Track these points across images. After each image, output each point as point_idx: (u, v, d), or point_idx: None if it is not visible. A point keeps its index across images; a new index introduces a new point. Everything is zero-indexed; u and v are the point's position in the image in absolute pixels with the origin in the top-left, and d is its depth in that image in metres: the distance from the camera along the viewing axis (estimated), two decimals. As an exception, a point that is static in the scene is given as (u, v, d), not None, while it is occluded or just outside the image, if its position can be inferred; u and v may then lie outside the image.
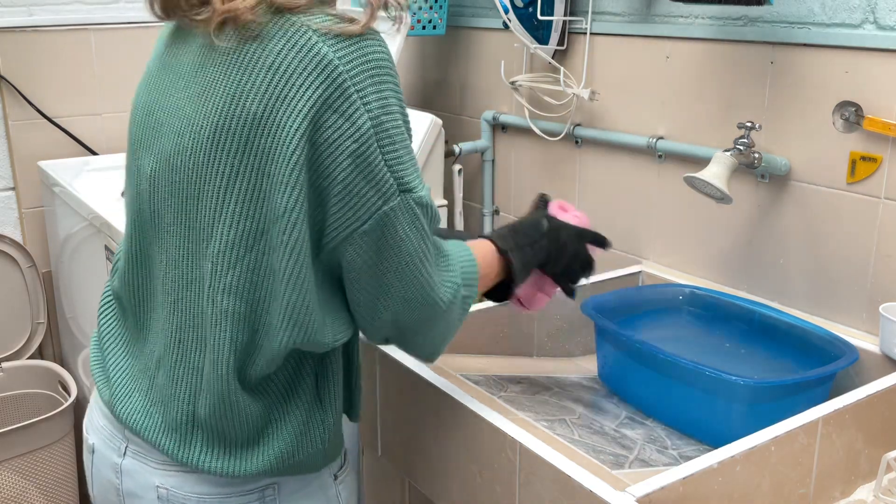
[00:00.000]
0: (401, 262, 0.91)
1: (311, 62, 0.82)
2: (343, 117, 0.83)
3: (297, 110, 0.82)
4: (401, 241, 0.90)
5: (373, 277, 0.91)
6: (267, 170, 0.84)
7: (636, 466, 1.22)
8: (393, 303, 0.94)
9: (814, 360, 1.37)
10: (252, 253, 0.87)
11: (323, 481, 1.05)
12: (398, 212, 0.88)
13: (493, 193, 2.12)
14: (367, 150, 0.85)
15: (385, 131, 0.86)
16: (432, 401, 1.27)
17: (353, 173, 0.85)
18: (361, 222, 0.87)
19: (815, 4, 1.38)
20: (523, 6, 1.76)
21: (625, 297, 1.61)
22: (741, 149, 1.42)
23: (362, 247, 0.89)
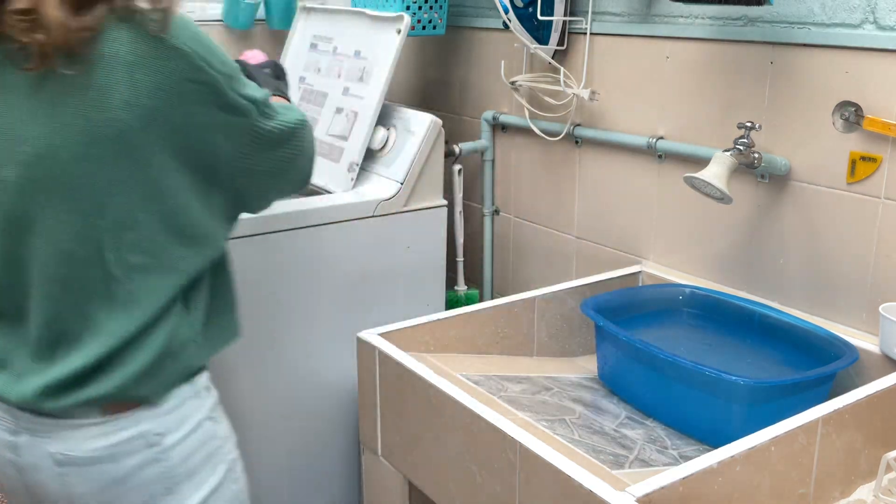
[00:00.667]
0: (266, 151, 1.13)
1: (157, 47, 0.98)
2: (198, 83, 1.01)
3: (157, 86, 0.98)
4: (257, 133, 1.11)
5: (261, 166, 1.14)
6: (142, 142, 0.99)
7: (636, 466, 1.22)
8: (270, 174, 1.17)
9: (814, 360, 1.37)
10: (146, 213, 1.02)
11: (204, 426, 1.14)
12: (258, 119, 1.10)
13: (493, 193, 2.12)
14: (226, 95, 1.04)
15: (228, 76, 1.04)
16: (432, 401, 1.27)
17: (221, 116, 1.04)
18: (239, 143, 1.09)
19: (815, 4, 1.38)
20: (523, 6, 1.76)
21: (625, 297, 1.61)
22: (741, 149, 1.42)
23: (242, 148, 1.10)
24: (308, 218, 1.67)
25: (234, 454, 1.20)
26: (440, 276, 1.89)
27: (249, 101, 1.08)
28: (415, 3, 1.96)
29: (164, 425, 1.09)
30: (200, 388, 1.15)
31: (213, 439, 1.15)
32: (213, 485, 1.15)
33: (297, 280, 1.68)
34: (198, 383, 1.15)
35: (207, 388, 1.17)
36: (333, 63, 1.95)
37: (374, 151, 1.82)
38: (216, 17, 2.24)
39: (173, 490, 1.11)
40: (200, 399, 1.14)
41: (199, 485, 1.13)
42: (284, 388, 1.72)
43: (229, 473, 1.18)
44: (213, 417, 1.16)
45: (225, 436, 1.19)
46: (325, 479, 1.84)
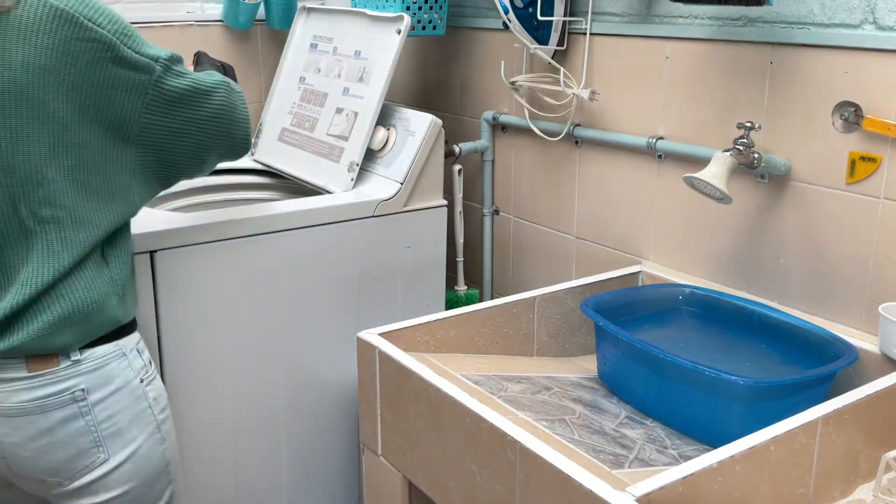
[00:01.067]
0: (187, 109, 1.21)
1: (47, 10, 1.08)
2: (88, 41, 1.09)
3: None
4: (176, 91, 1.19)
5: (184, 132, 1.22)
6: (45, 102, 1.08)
7: (636, 466, 1.23)
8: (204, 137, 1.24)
9: (814, 360, 1.37)
10: (55, 169, 1.10)
11: (131, 387, 1.22)
12: (162, 75, 1.17)
13: (492, 193, 2.12)
14: (120, 51, 1.11)
15: (121, 34, 1.12)
16: (432, 401, 1.28)
17: (118, 72, 1.12)
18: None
19: (815, 5, 1.38)
20: (523, 6, 1.76)
21: (625, 297, 1.61)
22: (741, 149, 1.42)
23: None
24: (308, 218, 1.67)
25: (163, 415, 1.28)
26: (440, 276, 1.89)
27: (150, 58, 1.15)
28: (415, 4, 1.96)
29: (89, 382, 1.17)
30: (128, 349, 1.23)
31: (140, 400, 1.24)
32: (140, 442, 1.23)
33: (297, 280, 1.68)
34: (125, 345, 1.22)
35: (137, 351, 1.25)
36: (333, 63, 1.95)
37: (374, 151, 1.82)
38: (216, 18, 2.24)
39: (101, 444, 1.19)
40: (127, 360, 1.22)
41: (128, 442, 1.22)
42: (284, 388, 1.72)
43: (156, 434, 1.26)
44: (142, 379, 1.24)
45: (154, 397, 1.26)
46: (325, 479, 1.84)
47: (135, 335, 1.26)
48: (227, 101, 1.27)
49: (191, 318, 1.57)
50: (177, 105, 1.20)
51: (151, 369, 1.28)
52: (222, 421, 1.66)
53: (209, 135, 1.26)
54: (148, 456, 1.25)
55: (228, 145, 1.32)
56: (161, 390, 1.29)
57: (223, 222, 1.58)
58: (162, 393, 1.29)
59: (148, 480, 1.25)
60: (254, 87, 2.34)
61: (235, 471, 1.71)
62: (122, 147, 1.17)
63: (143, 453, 1.24)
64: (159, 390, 1.28)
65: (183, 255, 1.54)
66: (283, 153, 2.00)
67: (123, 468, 1.22)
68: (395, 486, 1.44)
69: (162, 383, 1.30)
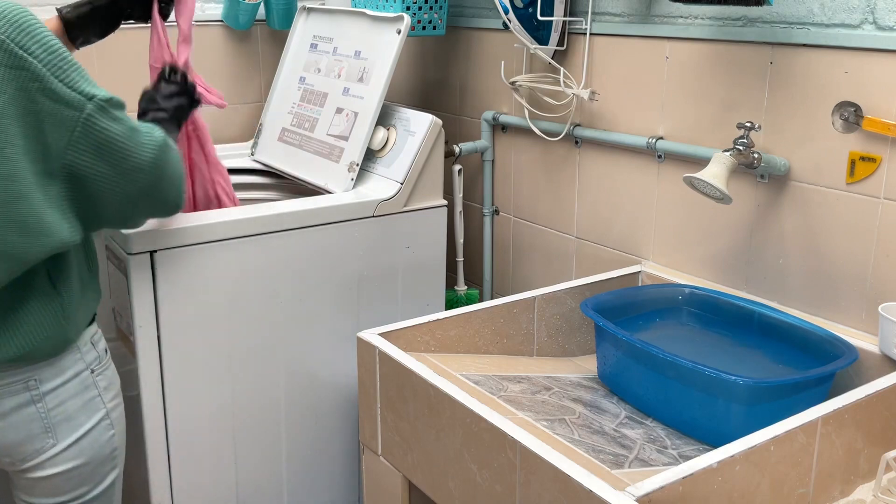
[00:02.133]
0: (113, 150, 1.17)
1: None
2: (17, 69, 1.07)
3: None
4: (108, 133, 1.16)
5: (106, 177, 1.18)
6: None
7: (636, 466, 1.23)
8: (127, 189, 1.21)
9: (813, 360, 1.37)
10: None
11: (82, 377, 1.29)
12: (94, 114, 1.14)
13: (492, 193, 2.12)
14: (50, 83, 1.09)
15: (55, 66, 1.10)
16: (432, 401, 1.28)
17: (47, 104, 1.09)
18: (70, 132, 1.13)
19: (815, 5, 1.39)
20: (523, 6, 1.76)
21: (625, 297, 1.61)
22: (741, 149, 1.42)
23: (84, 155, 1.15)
24: (308, 218, 1.67)
25: (113, 403, 1.35)
26: (440, 276, 1.90)
27: (82, 94, 1.12)
28: (415, 4, 1.96)
29: (42, 374, 1.25)
30: (82, 343, 1.29)
31: (90, 389, 1.31)
32: (88, 428, 1.30)
33: (297, 280, 1.68)
34: (79, 339, 1.29)
35: (91, 343, 1.32)
36: (333, 63, 1.95)
37: (374, 151, 1.82)
38: (216, 18, 2.24)
39: (50, 431, 1.27)
40: (80, 353, 1.29)
41: (75, 428, 1.29)
42: (284, 388, 1.72)
43: (104, 420, 1.33)
44: (93, 370, 1.31)
45: (105, 387, 1.33)
46: (325, 479, 1.84)
47: (90, 328, 1.32)
48: (158, 161, 1.23)
49: (191, 318, 1.57)
50: (104, 149, 1.16)
51: (105, 359, 1.34)
52: (222, 421, 1.66)
53: (137, 189, 1.22)
54: (95, 441, 1.32)
55: (157, 205, 1.31)
56: (112, 379, 1.36)
57: (223, 222, 1.58)
58: (113, 382, 1.36)
59: (93, 462, 1.33)
60: (254, 87, 2.34)
61: (235, 471, 1.71)
62: (49, 181, 1.14)
63: (92, 438, 1.31)
64: (110, 379, 1.35)
65: (183, 255, 1.54)
66: (283, 153, 2.00)
67: (70, 450, 1.29)
68: (395, 486, 1.44)
69: (115, 372, 1.38)
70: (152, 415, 1.57)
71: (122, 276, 1.54)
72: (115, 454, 1.37)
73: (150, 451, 1.59)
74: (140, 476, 1.64)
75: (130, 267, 1.50)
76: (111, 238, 1.56)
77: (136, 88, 1.50)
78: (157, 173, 1.24)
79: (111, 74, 2.14)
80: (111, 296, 1.64)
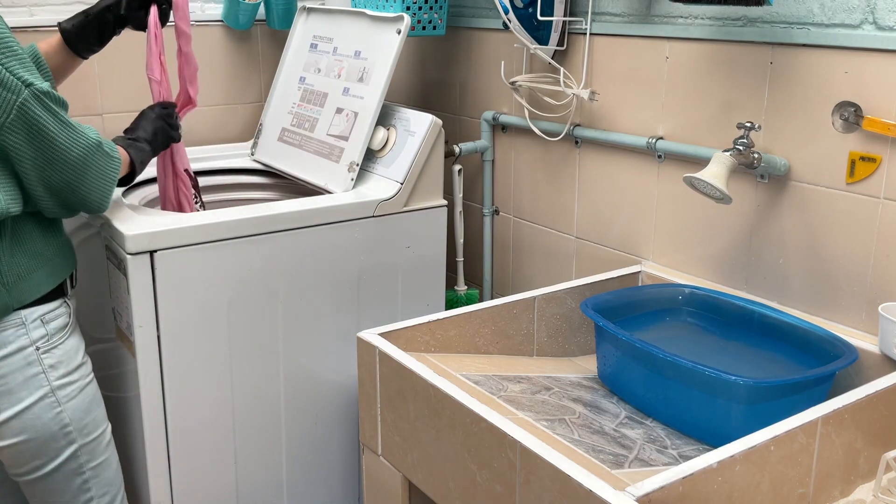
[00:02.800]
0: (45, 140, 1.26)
1: None
2: None
3: None
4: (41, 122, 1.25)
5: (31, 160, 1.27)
6: None
7: (636, 466, 1.23)
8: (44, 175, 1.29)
9: (813, 360, 1.37)
10: None
11: (25, 353, 1.34)
12: (30, 100, 1.23)
13: (492, 193, 2.12)
14: None
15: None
16: (432, 401, 1.28)
17: None
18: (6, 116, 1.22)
19: (815, 5, 1.39)
20: (523, 7, 1.76)
21: (625, 297, 1.61)
22: (741, 149, 1.42)
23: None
24: (308, 218, 1.67)
25: (61, 381, 1.39)
26: (440, 276, 1.90)
27: (21, 81, 1.22)
28: (415, 4, 1.96)
29: None
30: (29, 319, 1.35)
31: (33, 365, 1.36)
32: (28, 404, 1.36)
33: (297, 280, 1.68)
34: (26, 315, 1.34)
35: (41, 321, 1.36)
36: (333, 63, 1.95)
37: (374, 151, 1.83)
38: (216, 18, 2.24)
39: None
40: (26, 328, 1.35)
41: (15, 402, 1.35)
42: (284, 388, 1.72)
43: (47, 398, 1.37)
44: (38, 347, 1.36)
45: (51, 364, 1.38)
46: (325, 479, 1.84)
47: (43, 307, 1.37)
48: (86, 160, 1.33)
49: (191, 318, 1.57)
50: (34, 135, 1.25)
51: (56, 337, 1.39)
52: (222, 421, 1.66)
53: (59, 180, 1.31)
54: (38, 417, 1.37)
55: (77, 202, 1.37)
56: (63, 358, 1.39)
57: (223, 222, 1.58)
58: (64, 361, 1.39)
59: (40, 439, 1.38)
60: (254, 87, 2.34)
61: (235, 471, 1.71)
62: None
63: (33, 415, 1.36)
64: (61, 358, 1.39)
65: (183, 255, 1.54)
66: (283, 153, 2.01)
67: (12, 423, 1.35)
68: (395, 486, 1.44)
69: (72, 352, 1.41)
70: (152, 415, 1.58)
71: (121, 276, 1.54)
72: (69, 431, 1.40)
73: (150, 451, 1.59)
74: (140, 476, 1.64)
75: (130, 267, 1.50)
76: (111, 238, 1.56)
77: (137, 94, 1.52)
78: (81, 171, 1.33)
79: (111, 75, 2.14)
80: (111, 296, 1.64)
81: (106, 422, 1.50)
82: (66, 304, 1.43)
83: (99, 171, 1.36)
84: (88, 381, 1.45)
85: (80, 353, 1.44)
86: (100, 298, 1.70)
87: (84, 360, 1.45)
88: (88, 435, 1.44)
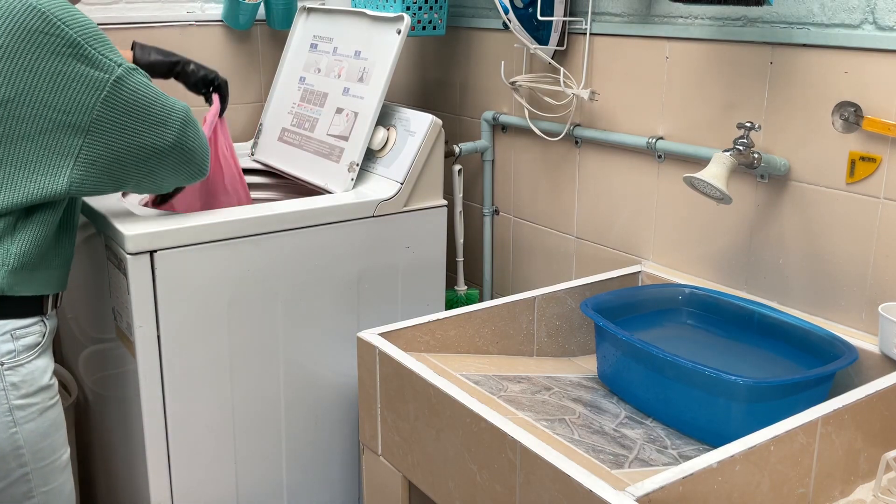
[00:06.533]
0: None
1: (25, 6, 1.26)
2: (52, 35, 1.26)
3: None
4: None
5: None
6: None
7: (636, 466, 1.23)
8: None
9: (813, 360, 1.37)
10: None
11: None
12: (124, 75, 1.33)
13: (492, 193, 2.12)
14: (84, 50, 1.28)
15: (90, 36, 1.30)
16: (432, 401, 1.28)
17: (79, 67, 1.29)
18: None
19: (815, 5, 1.39)
20: (523, 7, 1.76)
21: (625, 297, 1.61)
22: (741, 149, 1.42)
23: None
24: (308, 218, 1.67)
25: (22, 401, 1.35)
26: (440, 276, 1.90)
27: (113, 61, 1.31)
28: (415, 4, 1.96)
29: None
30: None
31: None
32: None
33: (297, 280, 1.68)
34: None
35: (11, 336, 1.34)
36: (333, 63, 1.95)
37: (374, 151, 1.83)
38: (216, 18, 2.24)
39: None
40: None
41: None
42: (284, 388, 1.72)
43: (5, 416, 1.33)
44: (3, 363, 1.33)
45: (14, 383, 1.34)
46: (325, 479, 1.84)
47: (17, 321, 1.34)
48: (185, 123, 1.42)
49: (191, 318, 1.57)
50: (134, 106, 1.34)
51: (25, 356, 1.35)
52: (222, 421, 1.66)
53: (165, 143, 1.40)
54: None
55: (183, 165, 1.45)
56: (28, 378, 1.36)
57: (223, 222, 1.58)
58: (28, 381, 1.36)
59: None
60: (254, 87, 2.34)
61: (235, 471, 1.71)
62: (70, 134, 1.30)
63: None
64: (25, 377, 1.35)
65: (183, 255, 1.54)
66: (283, 153, 2.01)
67: None
68: (395, 486, 1.44)
69: (41, 375, 1.37)
70: (152, 415, 1.58)
71: (121, 276, 1.54)
72: (22, 454, 1.37)
73: (150, 451, 1.59)
74: (140, 476, 1.64)
75: (130, 267, 1.50)
76: (111, 238, 1.56)
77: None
78: (183, 132, 1.41)
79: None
80: (111, 296, 1.64)
81: (65, 447, 1.45)
82: (43, 323, 1.39)
83: (197, 132, 1.45)
84: (51, 404, 1.41)
85: (48, 375, 1.40)
86: (100, 298, 1.70)
87: (51, 382, 1.40)
88: (42, 459, 1.40)
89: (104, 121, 1.31)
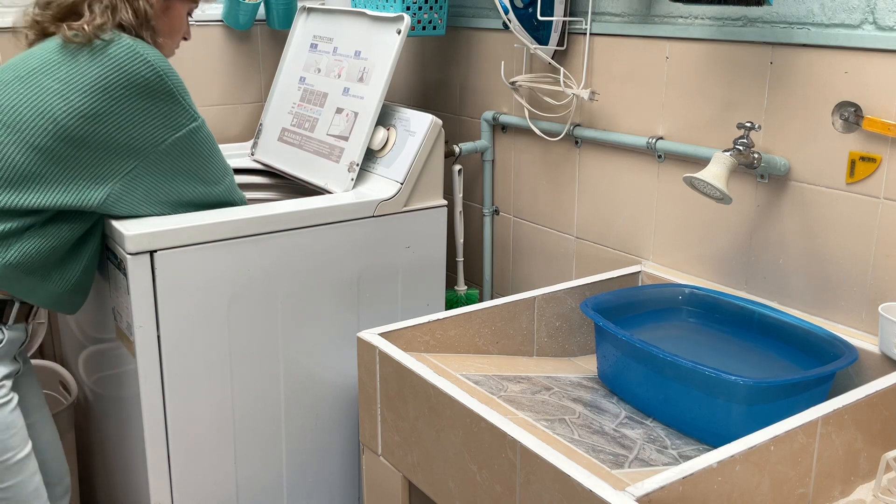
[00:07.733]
0: None
1: (132, 51, 1.45)
2: (154, 76, 1.45)
3: None
4: None
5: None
6: None
7: (636, 466, 1.23)
8: None
9: (813, 360, 1.37)
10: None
11: None
12: (200, 127, 1.54)
13: (492, 193, 2.12)
14: (176, 97, 1.48)
15: (183, 89, 1.50)
16: (432, 401, 1.28)
17: (167, 107, 1.48)
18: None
19: (815, 5, 1.39)
20: (523, 7, 1.76)
21: (625, 297, 1.61)
22: (741, 149, 1.42)
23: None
24: (308, 218, 1.67)
25: None
26: (440, 276, 1.90)
27: (196, 113, 1.50)
28: (415, 4, 1.96)
29: None
30: None
31: None
32: None
33: (297, 280, 1.68)
34: None
35: None
36: (333, 63, 1.95)
37: (374, 151, 1.83)
38: (216, 18, 2.24)
39: None
40: None
41: None
42: (284, 388, 1.72)
43: None
44: None
45: None
46: (325, 479, 1.84)
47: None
48: (229, 188, 1.63)
49: (191, 318, 1.57)
50: (196, 155, 1.52)
51: None
52: (222, 421, 1.66)
53: (213, 195, 1.60)
54: None
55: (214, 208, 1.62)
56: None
57: (223, 222, 1.58)
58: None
59: None
60: (254, 87, 2.34)
61: (235, 471, 1.71)
62: (129, 157, 1.44)
63: None
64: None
65: (183, 255, 1.54)
66: (283, 153, 2.01)
67: None
68: (395, 486, 1.44)
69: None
70: (152, 415, 1.58)
71: (121, 276, 1.54)
72: None
73: (150, 451, 1.59)
74: (140, 476, 1.64)
75: (130, 267, 1.50)
76: (111, 238, 1.56)
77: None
78: (229, 195, 1.63)
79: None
80: (111, 296, 1.64)
81: (20, 446, 1.47)
82: (1, 332, 1.44)
83: (238, 197, 1.66)
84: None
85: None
86: (100, 298, 1.70)
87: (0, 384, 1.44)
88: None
89: (165, 155, 1.47)
